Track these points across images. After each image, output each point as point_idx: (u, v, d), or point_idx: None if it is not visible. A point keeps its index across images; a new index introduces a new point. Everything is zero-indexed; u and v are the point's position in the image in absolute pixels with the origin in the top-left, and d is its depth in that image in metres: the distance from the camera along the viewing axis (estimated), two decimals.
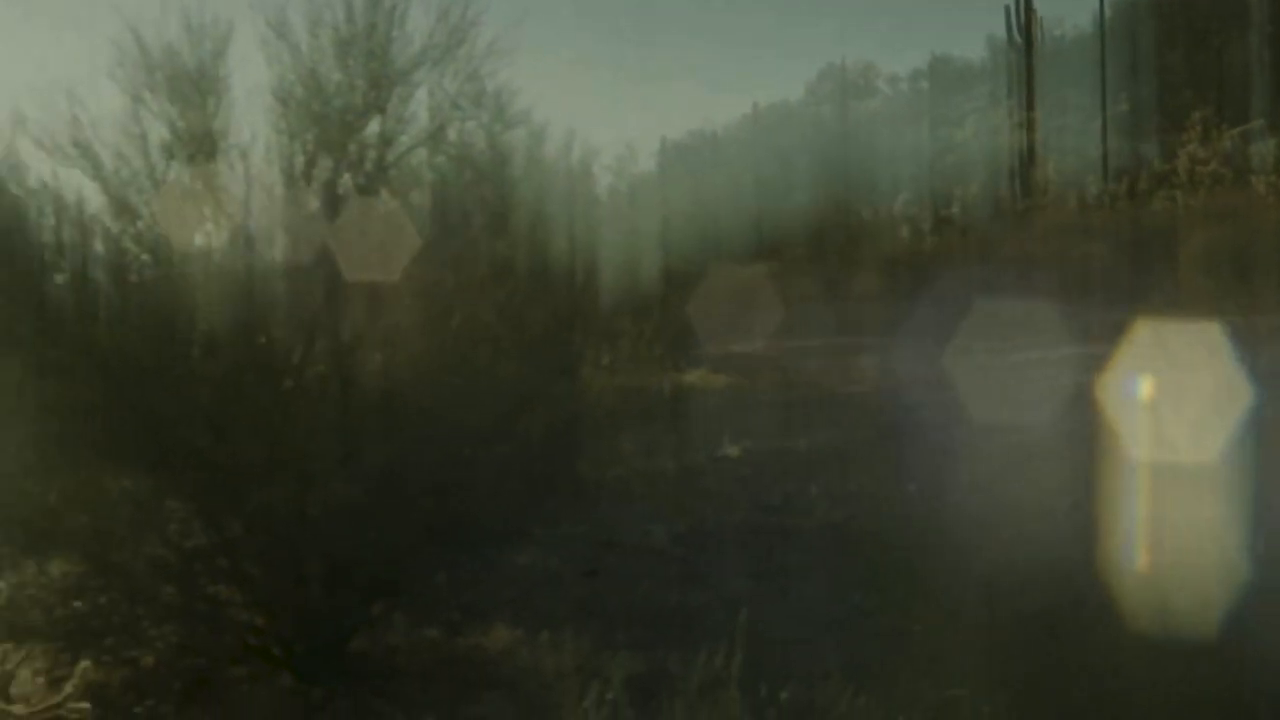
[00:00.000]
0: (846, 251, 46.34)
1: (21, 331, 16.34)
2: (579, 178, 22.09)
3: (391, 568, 15.60)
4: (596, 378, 18.98)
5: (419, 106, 19.44)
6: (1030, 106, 47.57)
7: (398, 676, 15.07)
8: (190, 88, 17.43)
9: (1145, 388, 17.87)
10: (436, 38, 19.12)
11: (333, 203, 17.90)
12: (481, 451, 15.97)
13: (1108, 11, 56.43)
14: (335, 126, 18.13)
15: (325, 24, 18.66)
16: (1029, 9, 48.88)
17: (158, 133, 17.61)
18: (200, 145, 17.08)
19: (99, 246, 16.90)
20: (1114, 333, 20.78)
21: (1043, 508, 16.53)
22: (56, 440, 16.00)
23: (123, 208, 16.67)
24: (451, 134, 19.71)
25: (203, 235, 17.00)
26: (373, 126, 18.84)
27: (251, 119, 18.60)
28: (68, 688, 9.83)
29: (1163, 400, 17.56)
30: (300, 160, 17.86)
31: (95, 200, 17.32)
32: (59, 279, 16.92)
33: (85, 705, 9.98)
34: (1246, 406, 16.89)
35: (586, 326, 19.34)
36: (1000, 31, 50.11)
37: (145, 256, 16.81)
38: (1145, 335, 19.91)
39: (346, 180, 17.95)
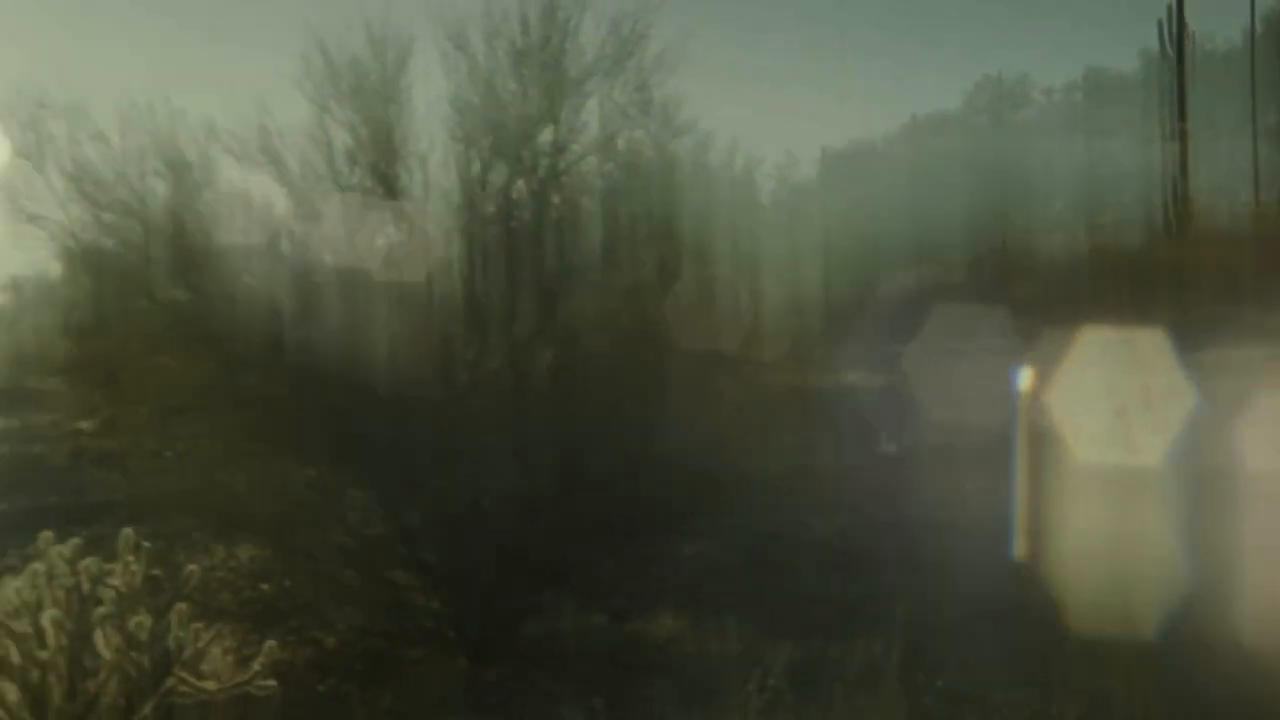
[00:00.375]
0: (1001, 260, 45.95)
1: (213, 330, 16.54)
2: (742, 185, 22.06)
3: (561, 556, 15.59)
4: (759, 375, 18.86)
5: (590, 115, 19.47)
6: (1182, 118, 46.74)
7: (567, 660, 15.04)
8: (373, 97, 17.55)
9: None
10: (608, 50, 19.12)
11: (507, 207, 18.00)
12: (649, 445, 15.94)
13: (1258, 26, 55.49)
14: (510, 134, 18.17)
15: (502, 37, 18.73)
16: (1181, 23, 48.01)
17: (341, 140, 17.75)
18: (381, 152, 17.23)
19: (285, 247, 17.11)
20: None
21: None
22: (245, 432, 16.16)
23: (308, 210, 16.88)
24: (620, 142, 19.73)
25: (382, 237, 17.18)
26: (545, 134, 18.85)
27: (430, 127, 18.73)
28: (255, 666, 9.84)
29: None
30: (476, 166, 17.92)
31: (281, 204, 17.57)
32: (248, 279, 17.08)
33: (272, 683, 9.99)
34: None
35: (750, 326, 19.23)
36: (1154, 44, 49.31)
37: (326, 257, 16.97)
38: None
39: (520, 186, 18.05)
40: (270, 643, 10.35)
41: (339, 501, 15.63)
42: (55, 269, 19.92)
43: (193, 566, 12.82)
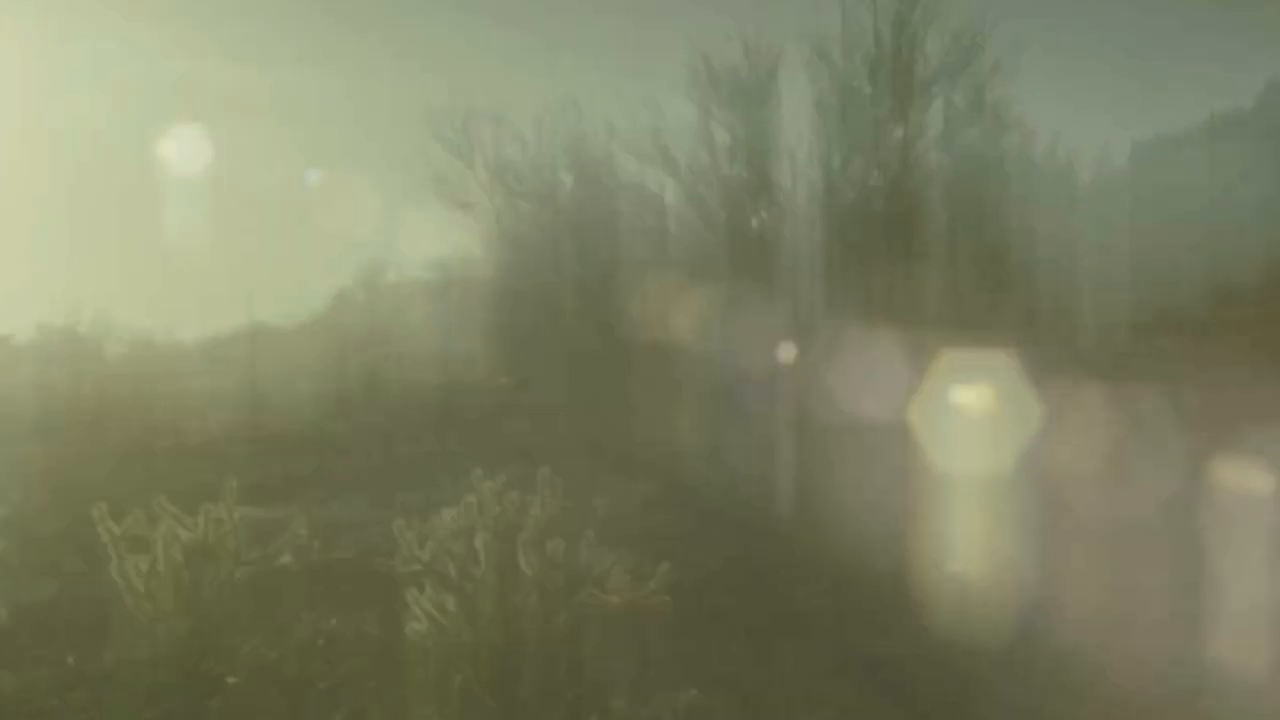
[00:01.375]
0: None
1: (609, 299, 17.32)
2: (1063, 176, 22.16)
3: None
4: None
5: (935, 115, 19.96)
6: None
7: None
8: (748, 101, 18.33)
9: None
10: (950, 58, 19.62)
11: (865, 194, 18.60)
12: None
13: None
14: (865, 132, 18.76)
15: (858, 48, 19.38)
16: None
17: (721, 137, 18.56)
18: (756, 147, 17.97)
19: (673, 229, 17.95)
20: None
21: None
22: (643, 382, 16.88)
23: (694, 199, 17.69)
24: (959, 139, 20.14)
25: (756, 220, 17.86)
26: (896, 132, 19.40)
27: (797, 126, 19.45)
28: (651, 584, 10.52)
29: None
30: (836, 160, 18.60)
31: (670, 192, 18.38)
32: (642, 255, 17.92)
33: (665, 598, 10.66)
34: None
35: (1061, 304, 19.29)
36: None
37: (710, 236, 17.74)
38: None
39: (876, 176, 18.61)
40: (664, 565, 11.04)
41: (721, 445, 16.09)
42: (478, 249, 21.17)
43: (599, 500, 13.64)
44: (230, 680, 13.10)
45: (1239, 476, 15.38)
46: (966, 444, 15.89)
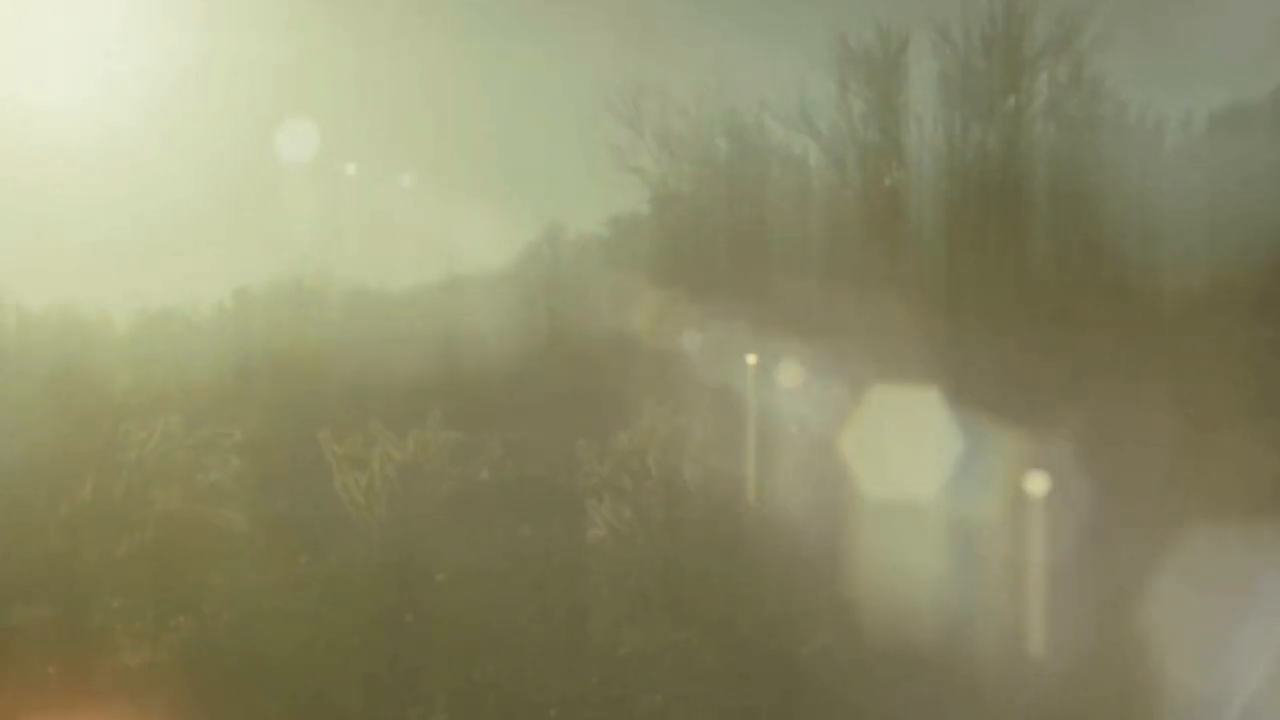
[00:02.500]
0: None
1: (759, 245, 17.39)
2: (1151, 141, 21.78)
3: None
4: None
5: (1041, 87, 19.79)
6: None
7: None
8: (881, 75, 18.32)
9: None
10: (1055, 35, 19.45)
11: (982, 156, 18.54)
12: None
13: None
14: (982, 102, 18.63)
15: (975, 26, 19.30)
16: None
17: (858, 107, 18.57)
18: (888, 116, 17.96)
19: (816, 187, 18.01)
20: None
21: None
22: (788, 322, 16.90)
23: (834, 161, 17.74)
24: (1062, 107, 19.96)
25: (888, 178, 17.85)
26: (1009, 102, 19.26)
27: (924, 96, 19.40)
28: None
29: None
30: (957, 126, 18.52)
31: (814, 156, 18.46)
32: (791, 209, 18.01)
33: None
34: None
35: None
36: None
37: (847, 194, 17.81)
38: None
39: (991, 140, 18.53)
40: None
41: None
42: (646, 208, 21.32)
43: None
44: (439, 578, 13.43)
45: None
46: None
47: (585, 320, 18.36)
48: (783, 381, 16.01)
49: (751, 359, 16.30)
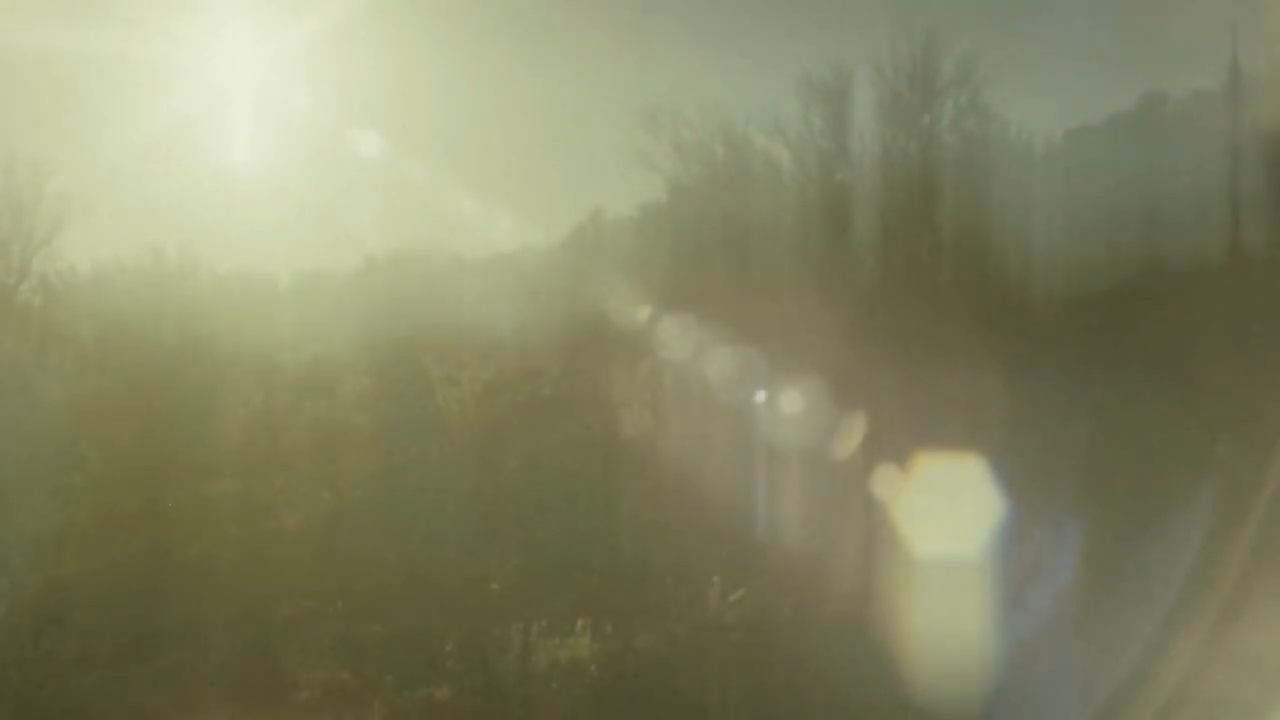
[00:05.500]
0: None
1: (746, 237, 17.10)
2: (1022, 154, 21.50)
3: None
4: None
5: (948, 109, 19.73)
6: None
7: None
8: (834, 99, 17.89)
9: None
10: (957, 72, 19.36)
11: (904, 166, 18.56)
12: None
13: None
14: (906, 121, 18.55)
15: (902, 65, 19.01)
16: None
17: (817, 123, 18.29)
18: (839, 130, 17.84)
19: (787, 182, 17.97)
20: None
21: None
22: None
23: (800, 162, 17.83)
24: (962, 125, 19.92)
25: (840, 175, 17.83)
26: (925, 120, 19.10)
27: (864, 116, 19.12)
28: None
29: None
30: (889, 138, 18.36)
31: (786, 159, 18.45)
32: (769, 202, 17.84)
33: None
34: None
35: None
36: None
37: (809, 186, 17.81)
38: None
39: (912, 149, 18.45)
40: None
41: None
42: (663, 198, 21.27)
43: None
44: (511, 464, 13.23)
45: None
46: None
47: (621, 279, 18.20)
48: (756, 317, 15.38)
49: (738, 304, 16.12)
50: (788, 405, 13.19)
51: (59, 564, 11.84)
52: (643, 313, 17.16)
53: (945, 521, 11.03)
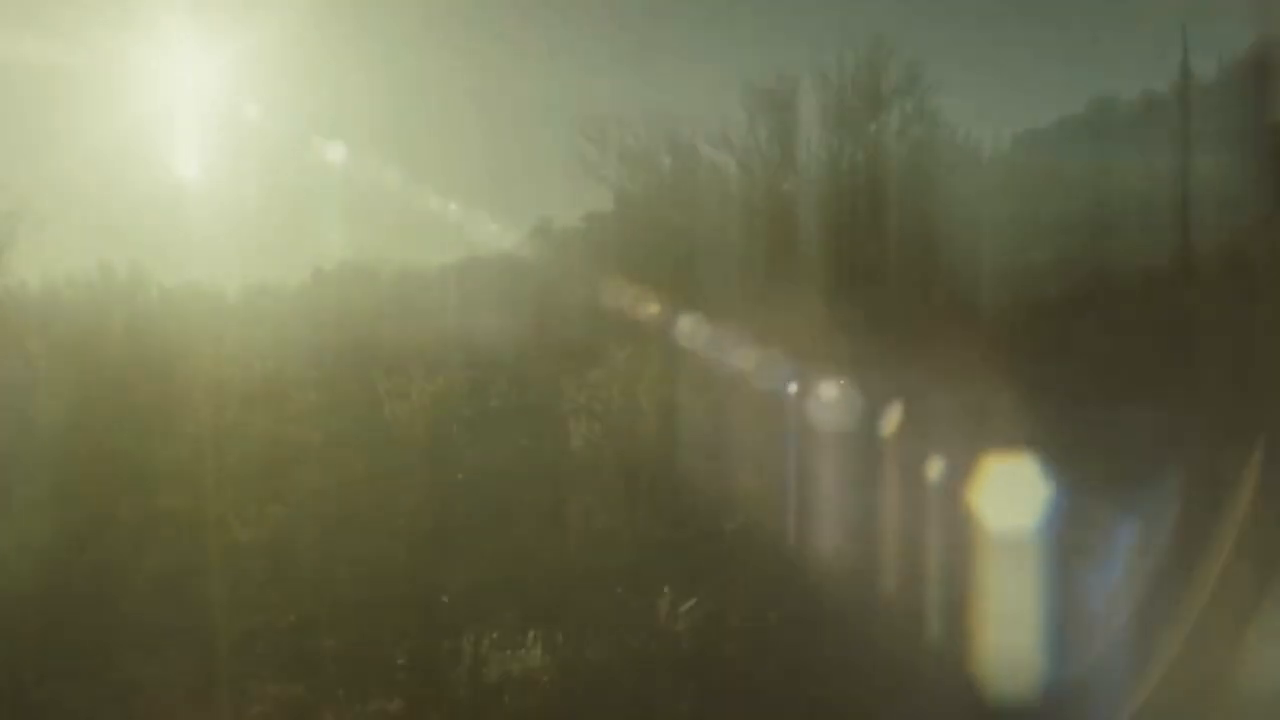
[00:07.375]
0: None
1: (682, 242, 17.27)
2: (969, 159, 21.80)
3: None
4: None
5: (894, 116, 19.88)
6: None
7: None
8: (780, 108, 18.20)
9: None
10: (903, 79, 19.53)
11: (851, 172, 18.85)
12: None
13: None
14: (853, 129, 18.82)
15: (847, 73, 19.26)
16: None
17: (763, 132, 18.53)
18: (785, 138, 18.05)
19: (733, 190, 18.19)
20: None
21: None
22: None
23: (746, 170, 17.99)
24: (908, 131, 20.14)
25: (787, 184, 18.03)
26: (871, 128, 19.34)
27: (810, 124, 19.27)
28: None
29: None
30: (835, 146, 18.67)
31: (732, 168, 18.59)
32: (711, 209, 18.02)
33: None
34: None
35: None
36: None
37: (755, 194, 17.95)
38: None
39: (857, 156, 18.77)
40: None
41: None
42: (609, 207, 21.37)
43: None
44: (459, 476, 13.35)
45: None
46: None
47: (568, 289, 18.32)
48: (705, 326, 15.77)
49: (686, 315, 16.26)
50: (735, 413, 13.35)
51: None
52: (589, 323, 17.36)
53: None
